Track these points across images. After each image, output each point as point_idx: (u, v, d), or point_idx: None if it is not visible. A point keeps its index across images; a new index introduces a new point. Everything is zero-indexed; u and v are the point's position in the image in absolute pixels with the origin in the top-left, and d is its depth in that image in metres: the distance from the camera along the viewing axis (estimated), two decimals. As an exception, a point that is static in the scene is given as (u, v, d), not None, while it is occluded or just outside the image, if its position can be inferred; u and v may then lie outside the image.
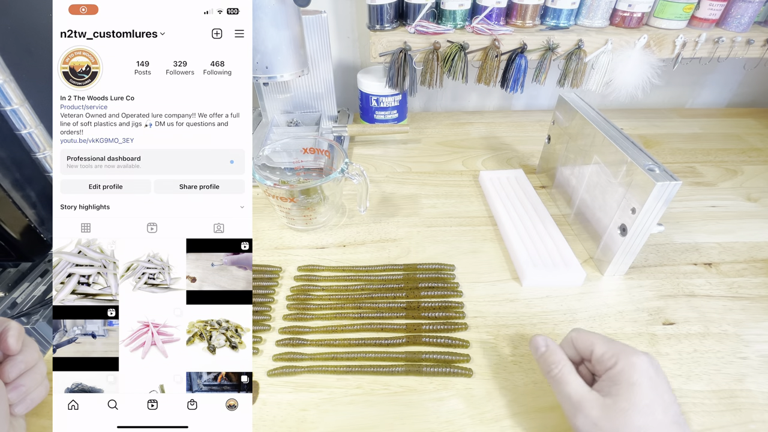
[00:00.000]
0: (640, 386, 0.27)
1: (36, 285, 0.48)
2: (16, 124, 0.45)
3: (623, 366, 0.28)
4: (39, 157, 0.48)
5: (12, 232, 0.47)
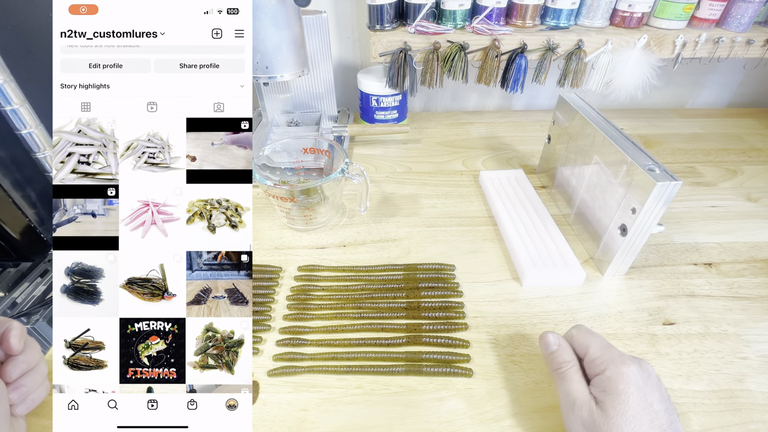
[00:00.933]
0: (627, 396, 0.27)
1: (36, 285, 0.48)
2: (16, 124, 0.45)
3: (611, 374, 0.29)
4: (39, 157, 0.48)
5: (12, 232, 0.47)
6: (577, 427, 0.29)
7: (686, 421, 0.34)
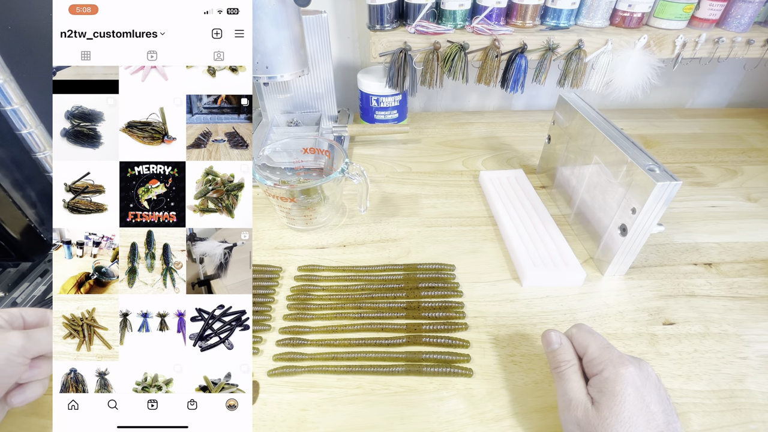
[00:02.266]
0: (623, 397, 0.27)
1: (36, 285, 0.48)
2: (16, 124, 0.45)
3: (609, 375, 0.29)
4: (39, 157, 0.48)
5: (12, 232, 0.47)
6: (571, 426, 0.29)
7: (686, 421, 0.34)
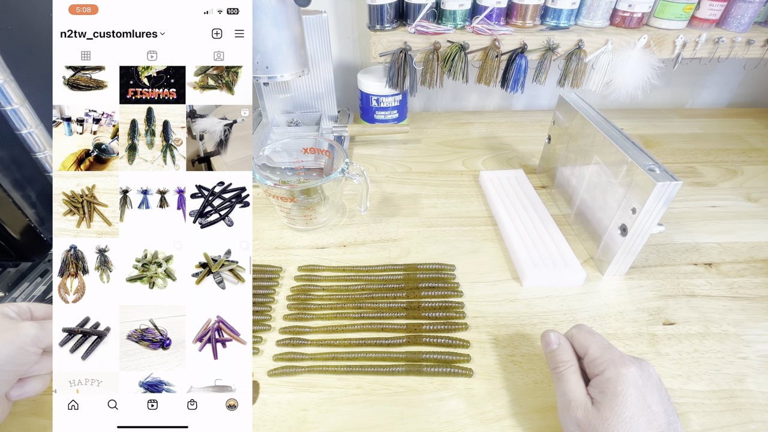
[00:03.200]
0: (625, 397, 0.27)
1: (36, 285, 0.48)
2: (16, 124, 0.45)
3: (610, 375, 0.29)
4: (39, 157, 0.48)
5: (12, 232, 0.47)
6: (571, 427, 0.29)
7: (686, 421, 0.34)
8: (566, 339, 0.33)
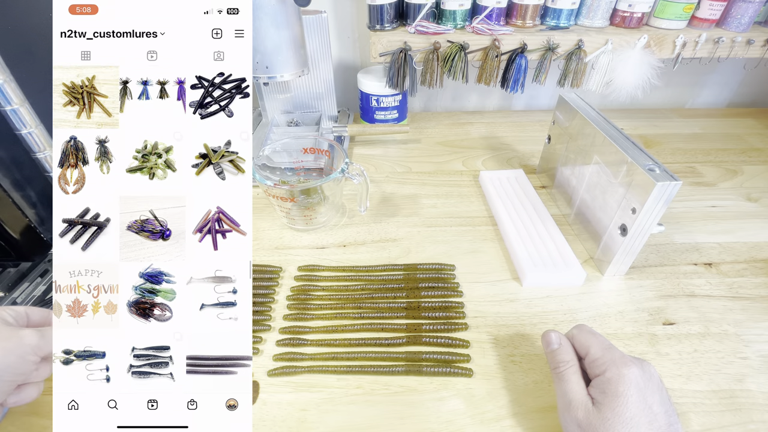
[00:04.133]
0: (626, 398, 0.27)
1: (36, 285, 0.48)
2: (16, 124, 0.45)
3: (611, 376, 0.29)
4: (39, 157, 0.48)
5: (12, 232, 0.47)
6: (572, 427, 0.29)
7: (686, 421, 0.34)
8: (567, 339, 0.33)
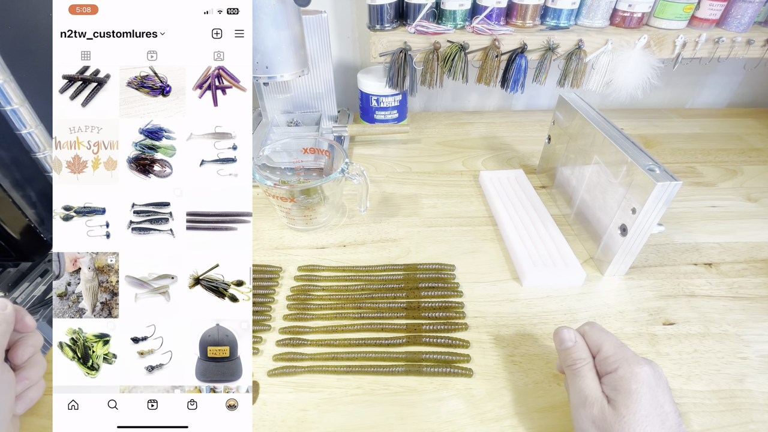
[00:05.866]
0: (639, 396, 0.27)
1: (36, 285, 0.48)
2: (16, 124, 0.45)
3: (624, 373, 0.29)
4: (39, 157, 0.48)
5: (12, 232, 0.47)
6: (586, 424, 0.29)
7: (686, 421, 0.34)
8: (580, 336, 0.33)
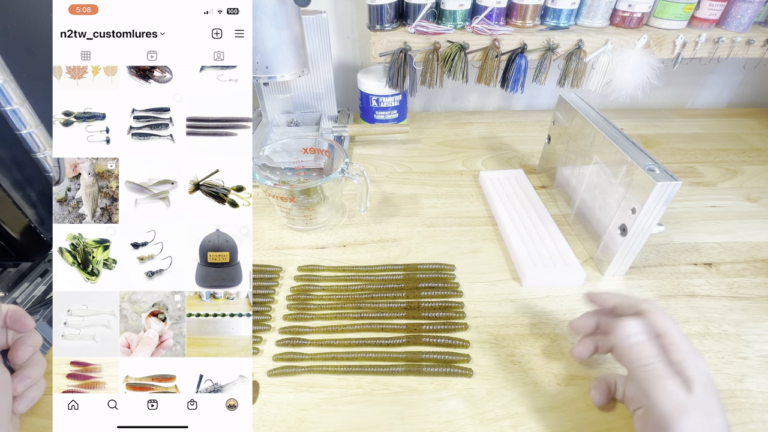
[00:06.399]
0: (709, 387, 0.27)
1: (36, 285, 0.48)
2: (16, 124, 0.45)
3: (699, 365, 0.27)
4: (39, 157, 0.48)
5: (12, 232, 0.47)
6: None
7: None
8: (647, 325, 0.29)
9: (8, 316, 0.33)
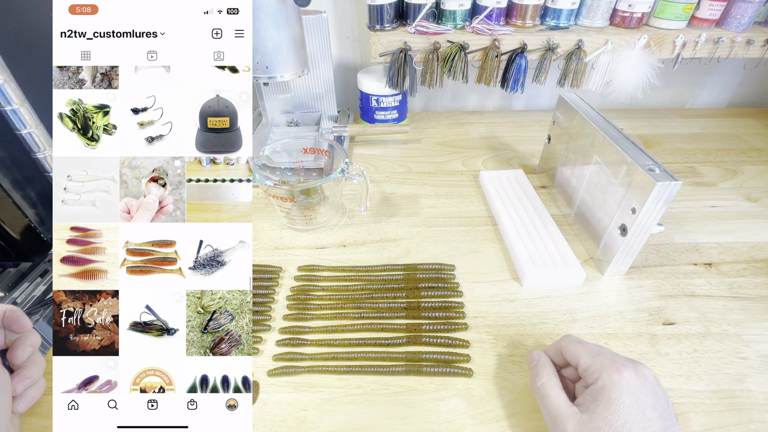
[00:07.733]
0: (618, 404, 0.27)
1: (36, 285, 0.48)
2: (16, 124, 0.45)
3: (604, 383, 0.28)
4: (39, 157, 0.48)
5: (12, 232, 0.47)
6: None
7: (686, 421, 0.34)
8: (546, 356, 0.34)
9: (5, 317, 0.32)
